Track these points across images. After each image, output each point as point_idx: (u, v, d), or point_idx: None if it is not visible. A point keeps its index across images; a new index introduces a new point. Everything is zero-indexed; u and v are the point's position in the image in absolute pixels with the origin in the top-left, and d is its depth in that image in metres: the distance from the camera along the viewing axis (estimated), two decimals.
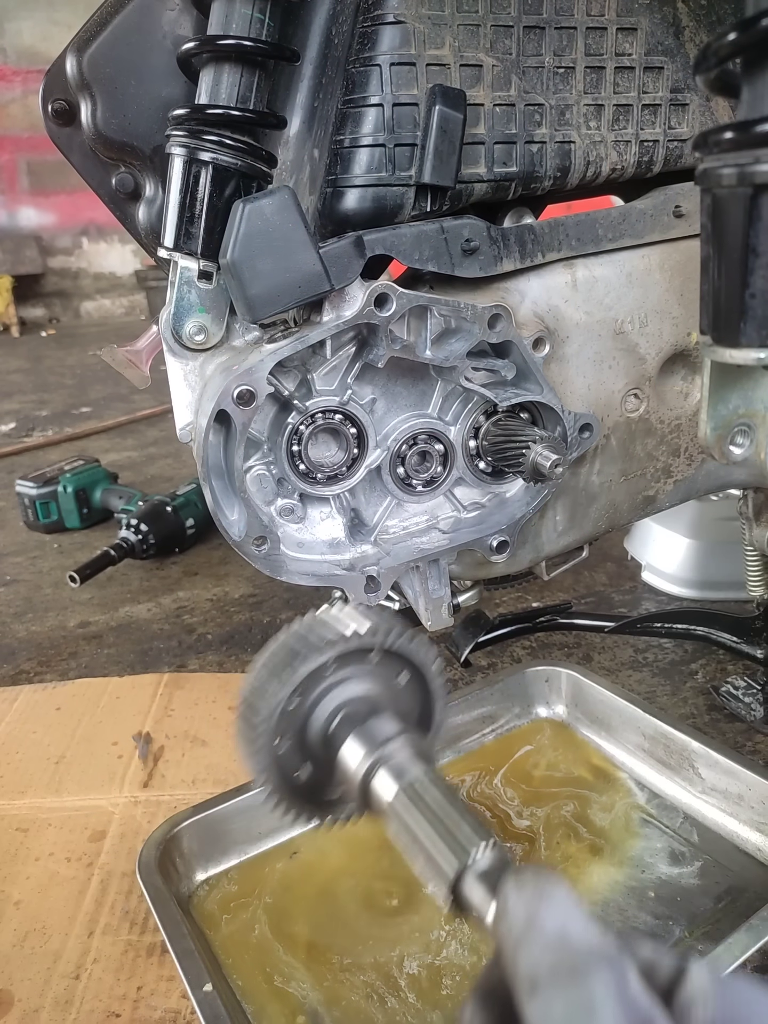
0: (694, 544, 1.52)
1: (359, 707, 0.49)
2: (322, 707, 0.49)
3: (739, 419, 0.58)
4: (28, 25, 6.77)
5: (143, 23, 0.66)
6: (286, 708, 0.48)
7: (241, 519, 0.63)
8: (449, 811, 0.43)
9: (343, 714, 0.49)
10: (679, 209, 0.74)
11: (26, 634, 1.59)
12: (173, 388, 0.68)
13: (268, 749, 0.48)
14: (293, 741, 0.50)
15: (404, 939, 0.81)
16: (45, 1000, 0.78)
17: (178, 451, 2.77)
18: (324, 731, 0.49)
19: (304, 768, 0.51)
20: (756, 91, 0.44)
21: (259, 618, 1.59)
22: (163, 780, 1.09)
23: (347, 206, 0.64)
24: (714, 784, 0.95)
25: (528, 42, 0.65)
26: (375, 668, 0.51)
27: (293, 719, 0.50)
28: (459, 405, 0.71)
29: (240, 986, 0.77)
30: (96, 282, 7.72)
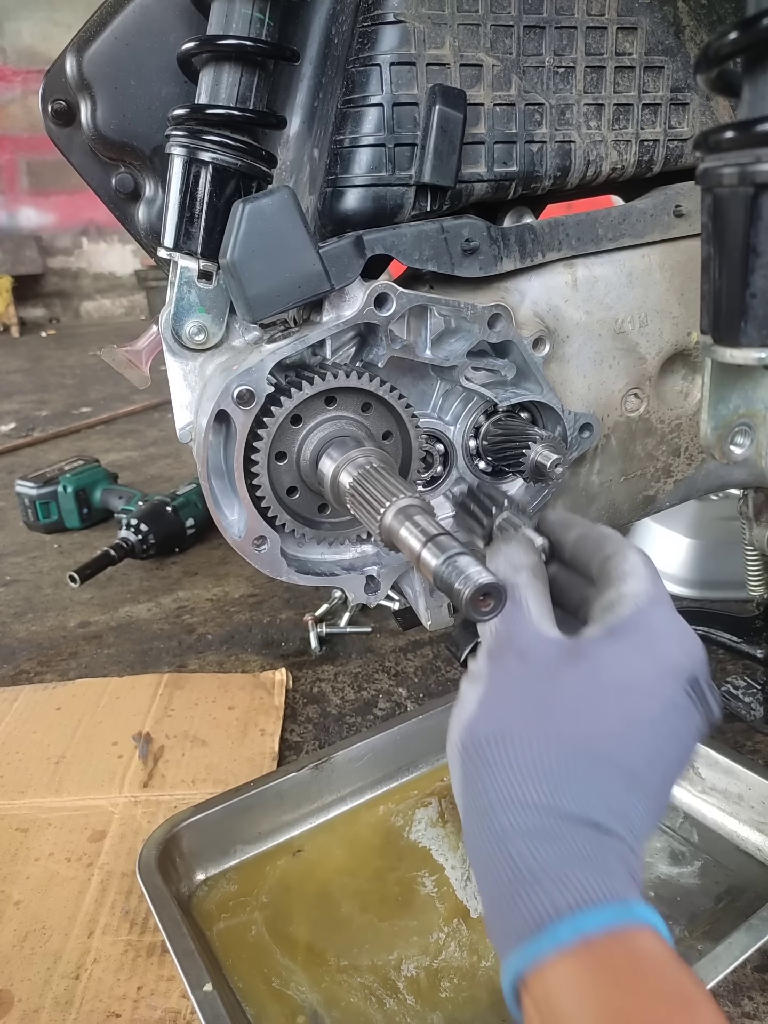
0: (694, 544, 1.52)
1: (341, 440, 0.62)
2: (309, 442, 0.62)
3: (739, 419, 0.58)
4: (28, 25, 6.77)
5: (143, 23, 0.66)
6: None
7: (241, 519, 0.63)
8: (391, 480, 0.55)
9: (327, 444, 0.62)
10: (679, 209, 0.74)
11: (26, 634, 1.59)
12: (173, 388, 0.68)
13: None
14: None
15: (403, 941, 0.81)
16: (45, 1000, 0.78)
17: (178, 451, 2.77)
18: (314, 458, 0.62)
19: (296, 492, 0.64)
20: (757, 90, 0.44)
21: (259, 618, 1.59)
22: (163, 780, 1.09)
23: (347, 206, 0.64)
24: (714, 784, 0.95)
25: (528, 41, 0.65)
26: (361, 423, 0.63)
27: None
28: (459, 405, 0.71)
29: (240, 987, 0.77)
30: (96, 282, 7.72)
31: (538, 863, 0.41)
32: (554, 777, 0.43)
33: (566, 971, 0.38)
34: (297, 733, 1.21)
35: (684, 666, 0.47)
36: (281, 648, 1.47)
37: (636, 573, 0.50)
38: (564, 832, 0.42)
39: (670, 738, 0.46)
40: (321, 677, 1.36)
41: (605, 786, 0.43)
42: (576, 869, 0.40)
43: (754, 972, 0.80)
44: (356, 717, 1.24)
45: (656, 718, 0.45)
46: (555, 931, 0.39)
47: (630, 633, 0.47)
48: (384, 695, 1.30)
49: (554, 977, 0.38)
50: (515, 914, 0.40)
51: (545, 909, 0.39)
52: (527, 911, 0.40)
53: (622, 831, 0.43)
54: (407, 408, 0.64)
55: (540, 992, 0.39)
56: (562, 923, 0.39)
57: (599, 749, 0.44)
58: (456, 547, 0.47)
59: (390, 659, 1.40)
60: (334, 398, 0.62)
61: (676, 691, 0.46)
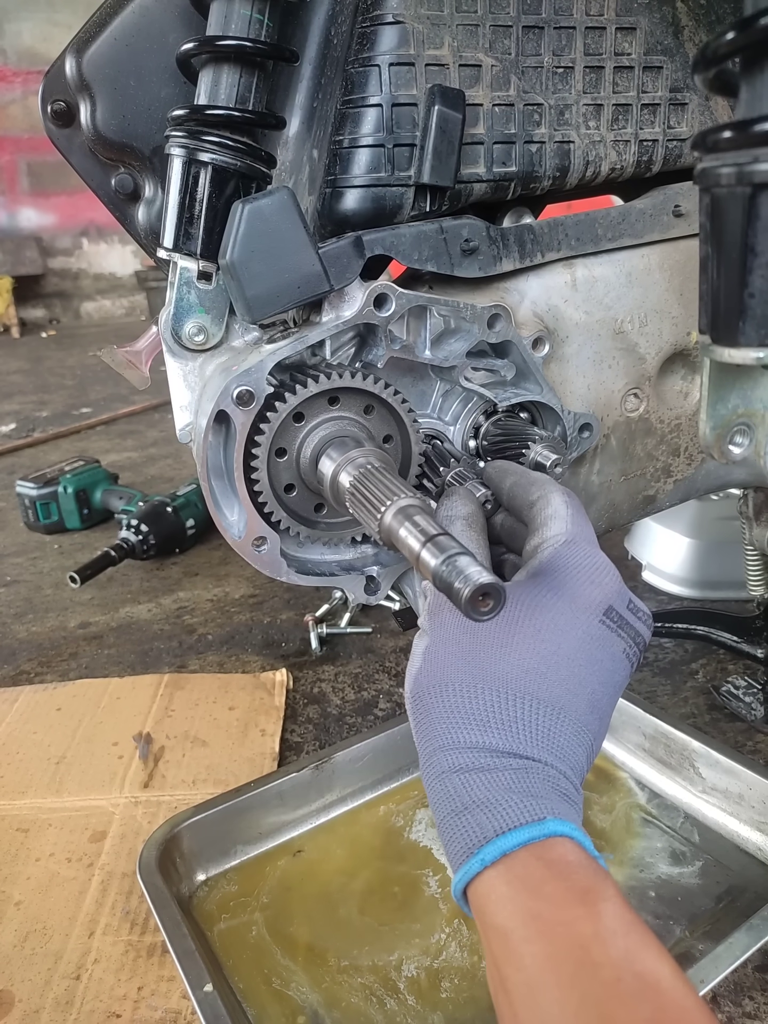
0: (694, 544, 1.52)
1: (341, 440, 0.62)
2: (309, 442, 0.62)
3: (738, 419, 0.58)
4: (28, 26, 6.77)
5: (142, 24, 0.66)
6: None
7: (241, 519, 0.63)
8: (391, 480, 0.55)
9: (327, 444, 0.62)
10: (678, 208, 0.74)
11: (27, 635, 1.59)
12: (172, 388, 0.68)
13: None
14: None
15: (403, 941, 0.81)
16: (46, 1000, 0.79)
17: (178, 452, 2.77)
18: (314, 458, 0.62)
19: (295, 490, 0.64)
20: (755, 90, 0.44)
21: (259, 618, 1.59)
22: (163, 780, 1.09)
23: (346, 206, 0.64)
24: (715, 784, 0.95)
25: (527, 42, 0.65)
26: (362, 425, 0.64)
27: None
28: (459, 405, 0.71)
29: (240, 987, 0.77)
30: (96, 283, 7.72)
31: (470, 796, 0.47)
32: (483, 718, 0.49)
33: (490, 884, 0.45)
34: (297, 733, 1.21)
35: (596, 599, 0.51)
36: (281, 648, 1.47)
37: (557, 516, 0.55)
38: (493, 765, 0.48)
39: (590, 667, 0.51)
40: (321, 677, 1.36)
41: (528, 719, 0.49)
42: (502, 798, 0.46)
43: (755, 972, 0.80)
44: (356, 717, 1.24)
45: (573, 651, 0.50)
46: (482, 852, 0.45)
47: (547, 575, 0.52)
48: (384, 695, 1.30)
49: (482, 890, 0.45)
50: (455, 841, 0.47)
51: (475, 835, 0.45)
52: (463, 837, 0.46)
53: (549, 757, 0.48)
54: (409, 412, 0.64)
55: (474, 903, 0.46)
56: (489, 845, 0.45)
57: (520, 687, 0.49)
58: (455, 547, 0.47)
59: (390, 659, 1.40)
60: (337, 398, 0.63)
61: (591, 623, 0.51)
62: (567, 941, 0.41)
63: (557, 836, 0.45)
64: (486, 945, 0.45)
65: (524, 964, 0.41)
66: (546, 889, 0.43)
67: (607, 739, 1.07)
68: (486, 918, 0.45)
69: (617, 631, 0.52)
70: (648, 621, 0.54)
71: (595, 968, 0.39)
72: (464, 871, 0.45)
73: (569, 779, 0.49)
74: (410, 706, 0.53)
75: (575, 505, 0.56)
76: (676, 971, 0.40)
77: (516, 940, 0.42)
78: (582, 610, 0.51)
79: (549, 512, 0.55)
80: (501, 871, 0.44)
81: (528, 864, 0.44)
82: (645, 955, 0.40)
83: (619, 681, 0.52)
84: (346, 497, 0.58)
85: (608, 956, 0.40)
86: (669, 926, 0.82)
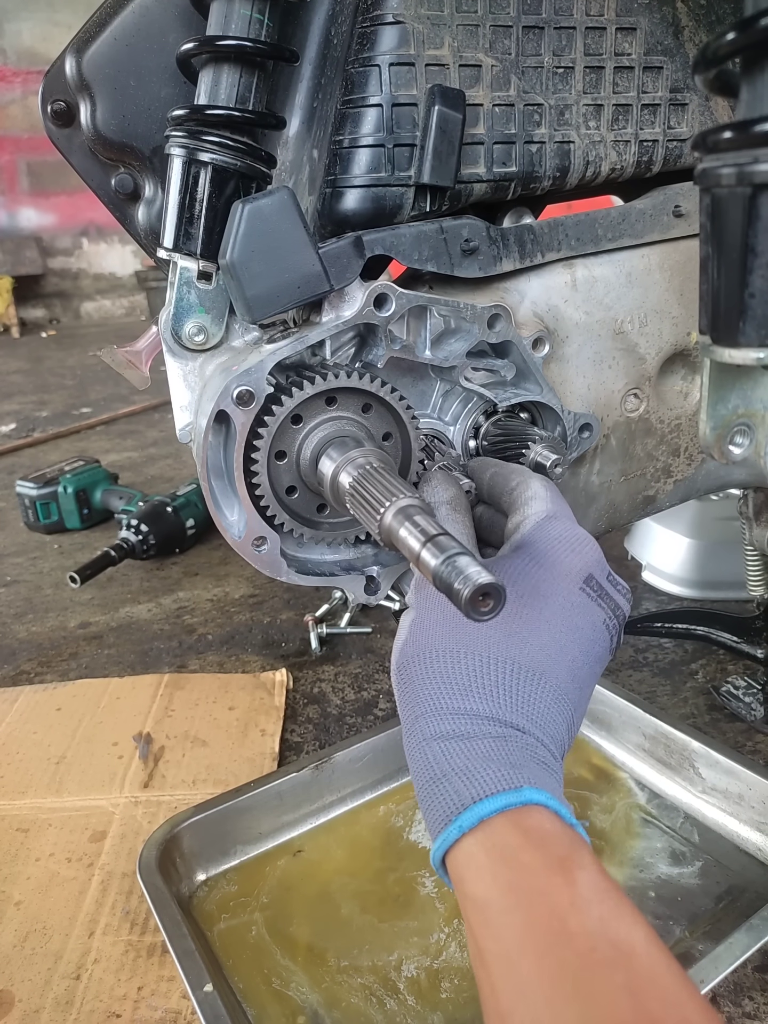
0: (694, 544, 1.52)
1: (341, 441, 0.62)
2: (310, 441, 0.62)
3: (738, 419, 0.58)
4: (28, 26, 6.78)
5: (142, 24, 0.66)
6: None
7: (241, 519, 0.63)
8: (390, 481, 0.54)
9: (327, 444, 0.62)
10: (679, 209, 0.74)
11: (26, 635, 1.59)
12: (172, 388, 0.68)
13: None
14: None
15: (403, 941, 0.81)
16: (46, 1000, 0.79)
17: (178, 452, 2.77)
18: (314, 458, 0.62)
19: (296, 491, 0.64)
20: (755, 91, 0.44)
21: (259, 618, 1.59)
22: (163, 780, 1.09)
23: (346, 206, 0.64)
24: (714, 784, 0.95)
25: (527, 42, 0.65)
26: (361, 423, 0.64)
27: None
28: (459, 405, 0.71)
29: (240, 987, 0.77)
30: (96, 283, 7.72)
31: (449, 763, 0.47)
32: (464, 683, 0.50)
33: (467, 852, 0.45)
34: (297, 733, 1.21)
35: (576, 567, 0.53)
36: (281, 648, 1.47)
37: (537, 496, 0.57)
38: (474, 731, 0.48)
39: (570, 633, 0.51)
40: (321, 677, 1.36)
41: (509, 684, 0.49)
42: (480, 766, 0.46)
43: (755, 972, 0.80)
44: (356, 717, 1.24)
45: (552, 617, 0.51)
46: (460, 820, 0.45)
47: (529, 547, 0.54)
48: (385, 695, 1.30)
49: (460, 858, 0.45)
50: (434, 808, 0.47)
51: (453, 802, 0.46)
52: (441, 804, 0.46)
53: (528, 724, 0.49)
54: (407, 409, 0.64)
55: (452, 872, 0.46)
56: (467, 811, 0.45)
57: (502, 651, 0.50)
58: (456, 547, 0.47)
59: (390, 659, 1.40)
60: (335, 398, 0.62)
61: (571, 591, 0.52)
62: (544, 912, 0.41)
63: (534, 804, 0.45)
64: (464, 914, 0.45)
65: (502, 935, 0.42)
66: (523, 858, 0.43)
67: (607, 739, 1.07)
68: (465, 887, 0.45)
69: (597, 600, 0.53)
70: (627, 594, 0.55)
71: (570, 938, 0.40)
72: (442, 838, 0.46)
73: (548, 748, 0.49)
74: (395, 677, 0.54)
75: (553, 488, 0.59)
76: (649, 936, 0.41)
77: (494, 911, 0.43)
78: (562, 577, 0.52)
79: (529, 494, 0.58)
80: (479, 838, 0.45)
81: (505, 832, 0.44)
82: (619, 923, 0.41)
83: (599, 653, 0.53)
84: (346, 497, 0.57)
85: (583, 926, 0.40)
86: (669, 926, 0.82)
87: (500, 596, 0.45)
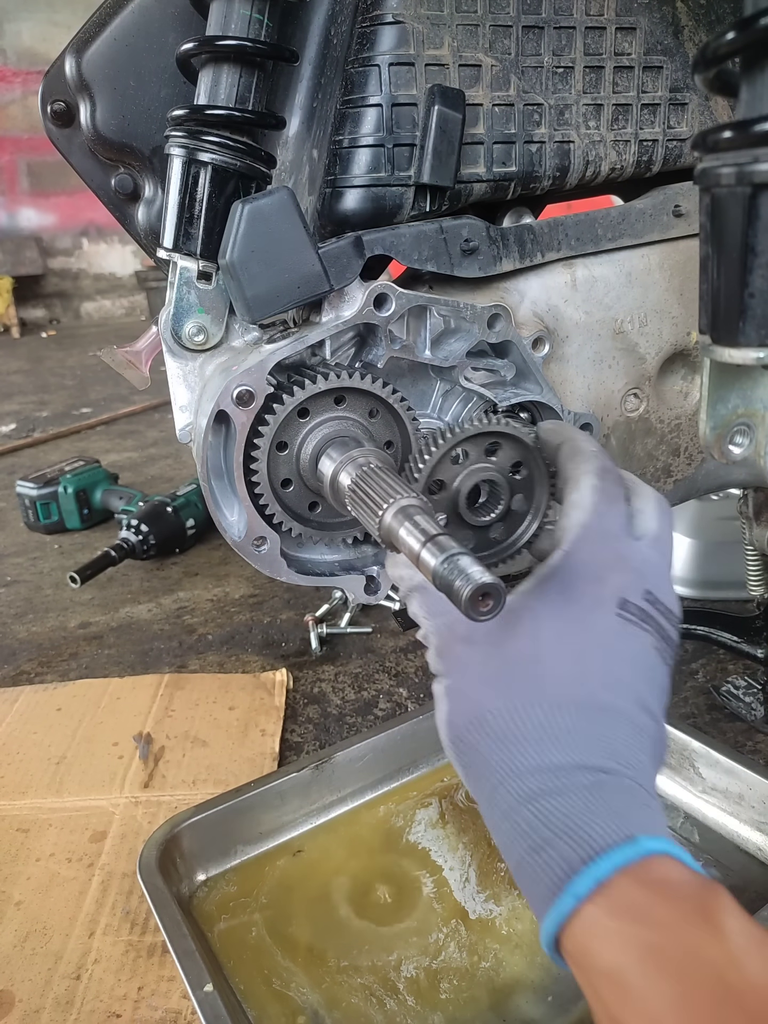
0: (694, 544, 1.52)
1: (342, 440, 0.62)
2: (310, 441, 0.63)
3: (738, 418, 0.58)
4: (28, 26, 6.78)
5: (142, 24, 0.66)
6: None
7: (241, 519, 0.63)
8: (390, 481, 0.54)
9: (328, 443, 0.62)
10: (678, 208, 0.74)
11: (27, 635, 1.59)
12: (173, 389, 0.68)
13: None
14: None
15: (402, 942, 0.81)
16: (46, 1000, 0.79)
17: (178, 452, 2.77)
18: (314, 456, 0.62)
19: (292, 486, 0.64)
20: (755, 90, 0.44)
21: (259, 618, 1.59)
22: (164, 780, 1.09)
23: (346, 206, 0.64)
24: (715, 784, 0.95)
25: (527, 42, 0.65)
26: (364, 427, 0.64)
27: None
28: (459, 405, 0.71)
29: (240, 987, 0.77)
30: (96, 283, 7.72)
31: (547, 827, 0.42)
32: (535, 736, 0.45)
33: (588, 921, 0.39)
34: (298, 733, 1.21)
35: (606, 594, 0.49)
36: (281, 648, 1.47)
37: (578, 505, 0.52)
38: (563, 786, 0.43)
39: (620, 660, 0.47)
40: (321, 677, 1.36)
41: (582, 727, 0.45)
42: (583, 821, 0.41)
43: None
44: (356, 717, 1.24)
45: (598, 649, 0.47)
46: (573, 887, 0.39)
47: (556, 580, 0.50)
48: (385, 695, 1.30)
49: (581, 931, 0.39)
50: (538, 881, 0.41)
51: (562, 869, 0.40)
52: (547, 875, 0.41)
53: (617, 766, 0.44)
54: (408, 410, 0.64)
55: (572, 949, 0.40)
56: (579, 876, 0.39)
57: (559, 694, 0.46)
58: (456, 547, 0.47)
59: (390, 659, 1.40)
60: (344, 398, 0.63)
61: (607, 619, 0.48)
62: (697, 972, 0.35)
63: (654, 854, 0.40)
64: (592, 995, 0.39)
65: (649, 1008, 0.36)
66: (657, 914, 0.37)
67: None
68: (590, 961, 0.38)
69: (639, 624, 0.49)
70: (670, 616, 0.52)
71: (738, 998, 0.34)
72: (555, 912, 0.40)
73: (644, 788, 0.44)
74: (452, 753, 0.49)
75: (604, 489, 0.52)
76: None
77: (634, 980, 0.36)
78: (595, 606, 0.49)
79: (574, 498, 0.53)
80: (600, 903, 0.39)
81: (629, 890, 0.39)
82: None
83: (660, 680, 0.49)
84: (346, 497, 0.57)
85: (749, 981, 0.35)
86: None
87: (500, 596, 0.44)
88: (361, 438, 0.63)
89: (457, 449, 0.61)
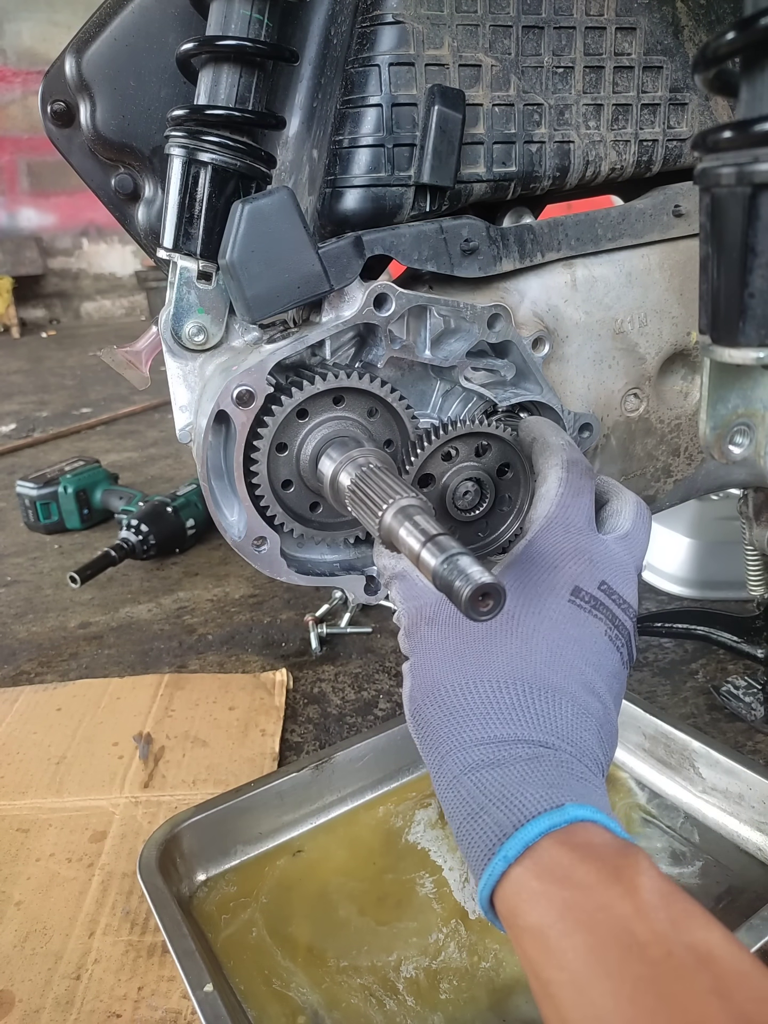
0: (694, 544, 1.52)
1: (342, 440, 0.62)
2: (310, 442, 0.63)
3: (738, 418, 0.58)
4: (28, 26, 6.78)
5: (142, 24, 0.66)
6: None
7: (241, 519, 0.63)
8: (390, 481, 0.54)
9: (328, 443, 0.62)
10: (678, 208, 0.74)
11: (27, 635, 1.59)
12: (172, 389, 0.68)
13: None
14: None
15: (402, 942, 0.81)
16: (46, 1000, 0.79)
17: (178, 452, 2.77)
18: (314, 456, 0.62)
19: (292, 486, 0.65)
20: (755, 90, 0.44)
21: (259, 618, 1.59)
22: (164, 780, 1.09)
23: (346, 206, 0.64)
24: (715, 784, 0.95)
25: (527, 42, 0.65)
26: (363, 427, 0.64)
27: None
28: (459, 405, 0.71)
29: (240, 987, 0.77)
30: (96, 283, 7.72)
31: (484, 795, 0.45)
32: (481, 711, 0.48)
33: (516, 883, 0.42)
34: (297, 733, 1.21)
35: (559, 581, 0.52)
36: (282, 648, 1.47)
37: (544, 497, 0.56)
38: (503, 757, 0.46)
39: (571, 646, 0.50)
40: (322, 677, 1.36)
41: (527, 703, 0.48)
42: (517, 791, 0.44)
43: None
44: (356, 717, 1.24)
45: (548, 632, 0.50)
46: (504, 850, 0.42)
47: (516, 566, 0.53)
48: (385, 695, 1.30)
49: (509, 890, 0.42)
50: (474, 845, 0.44)
51: (494, 833, 0.43)
52: (481, 839, 0.44)
53: (557, 741, 0.47)
54: (407, 409, 0.64)
55: (503, 909, 0.43)
56: (510, 841, 0.42)
57: (509, 672, 0.49)
58: (456, 547, 0.47)
59: (391, 659, 1.40)
60: (343, 398, 0.63)
61: (559, 604, 0.51)
62: (608, 925, 0.38)
63: (580, 821, 0.43)
64: (521, 953, 0.41)
65: (566, 961, 0.38)
66: (577, 875, 0.40)
67: None
68: (518, 920, 0.41)
69: (591, 611, 0.52)
70: (626, 608, 0.54)
71: (642, 948, 0.37)
72: (487, 874, 0.43)
73: (582, 763, 0.47)
74: (411, 724, 0.52)
75: (570, 481, 0.56)
76: (726, 935, 0.38)
77: (554, 937, 0.39)
78: (548, 592, 0.52)
79: (541, 491, 0.57)
80: (527, 865, 0.42)
81: (554, 852, 0.41)
82: (691, 924, 0.38)
83: (611, 667, 0.52)
84: (346, 497, 0.58)
85: (654, 932, 0.37)
86: None
87: (500, 596, 0.44)
88: (361, 438, 0.63)
89: (448, 447, 0.63)
